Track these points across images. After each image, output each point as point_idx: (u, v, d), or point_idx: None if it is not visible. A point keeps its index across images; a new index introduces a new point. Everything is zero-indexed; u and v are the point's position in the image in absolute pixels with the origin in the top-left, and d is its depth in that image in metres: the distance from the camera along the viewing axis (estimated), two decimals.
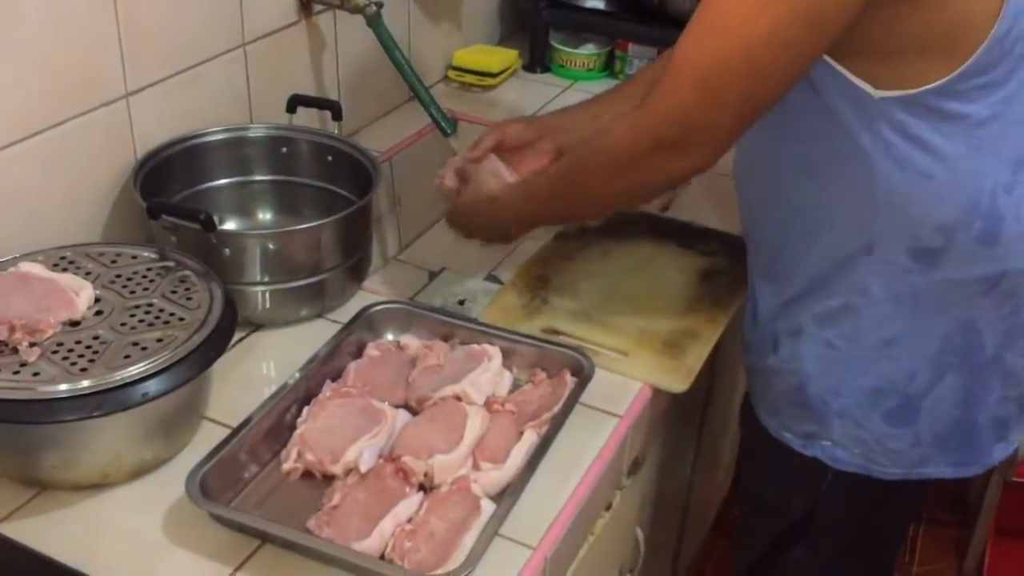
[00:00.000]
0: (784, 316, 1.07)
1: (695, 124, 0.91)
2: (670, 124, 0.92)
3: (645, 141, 0.94)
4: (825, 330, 1.04)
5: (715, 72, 0.88)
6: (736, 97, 0.89)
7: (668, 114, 0.92)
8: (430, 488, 0.95)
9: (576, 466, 1.00)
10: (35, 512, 0.92)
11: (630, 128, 0.96)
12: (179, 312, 0.97)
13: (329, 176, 1.30)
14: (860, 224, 0.97)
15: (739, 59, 0.86)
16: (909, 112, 0.91)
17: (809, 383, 1.06)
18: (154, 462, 0.96)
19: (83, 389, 0.87)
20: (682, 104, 0.91)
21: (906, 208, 0.95)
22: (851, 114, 0.93)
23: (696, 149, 0.92)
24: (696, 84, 0.89)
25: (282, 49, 1.41)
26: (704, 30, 0.89)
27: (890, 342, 1.01)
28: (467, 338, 1.13)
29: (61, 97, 1.10)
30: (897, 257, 0.97)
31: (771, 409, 1.12)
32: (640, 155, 0.95)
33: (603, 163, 0.99)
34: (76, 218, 1.15)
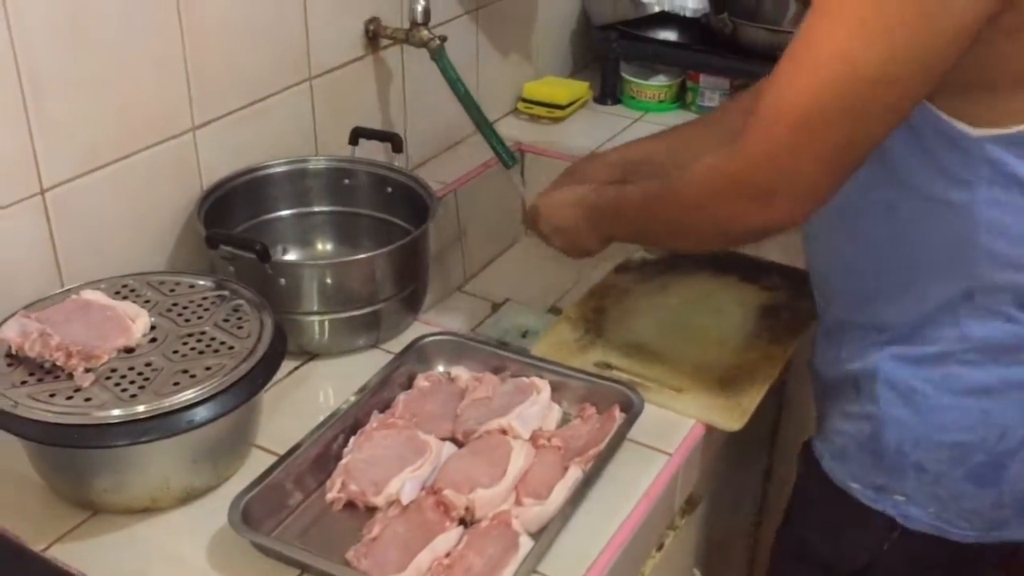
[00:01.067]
0: (865, 358, 0.99)
1: (786, 172, 0.83)
2: (757, 169, 0.85)
3: (729, 187, 0.88)
4: (912, 376, 0.96)
5: (811, 114, 0.80)
6: (834, 143, 0.81)
7: (756, 159, 0.84)
8: (471, 522, 0.94)
9: (622, 504, 0.98)
10: (87, 535, 0.94)
11: (713, 170, 0.90)
12: (229, 341, 0.98)
13: (388, 207, 1.31)
14: (959, 270, 0.91)
15: (838, 101, 0.79)
16: (1011, 151, 0.84)
17: (886, 431, 0.97)
18: (202, 488, 0.98)
19: (131, 415, 0.88)
20: (773, 149, 0.83)
21: (1010, 253, 0.88)
22: (947, 156, 0.86)
23: (786, 201, 0.85)
24: (789, 127, 0.81)
25: (348, 83, 1.43)
26: (799, 67, 0.82)
27: (984, 393, 0.93)
28: (518, 371, 1.12)
29: (130, 130, 1.14)
30: (1000, 304, 0.90)
31: (838, 455, 1.03)
32: (723, 201, 0.89)
33: (684, 198, 0.95)
34: (143, 247, 1.19)
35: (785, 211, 0.86)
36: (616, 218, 1.07)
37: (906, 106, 0.82)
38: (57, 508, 0.96)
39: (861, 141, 0.82)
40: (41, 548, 0.92)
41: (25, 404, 0.89)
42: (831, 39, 0.79)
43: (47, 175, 1.06)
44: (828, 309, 1.06)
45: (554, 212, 1.15)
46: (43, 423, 0.88)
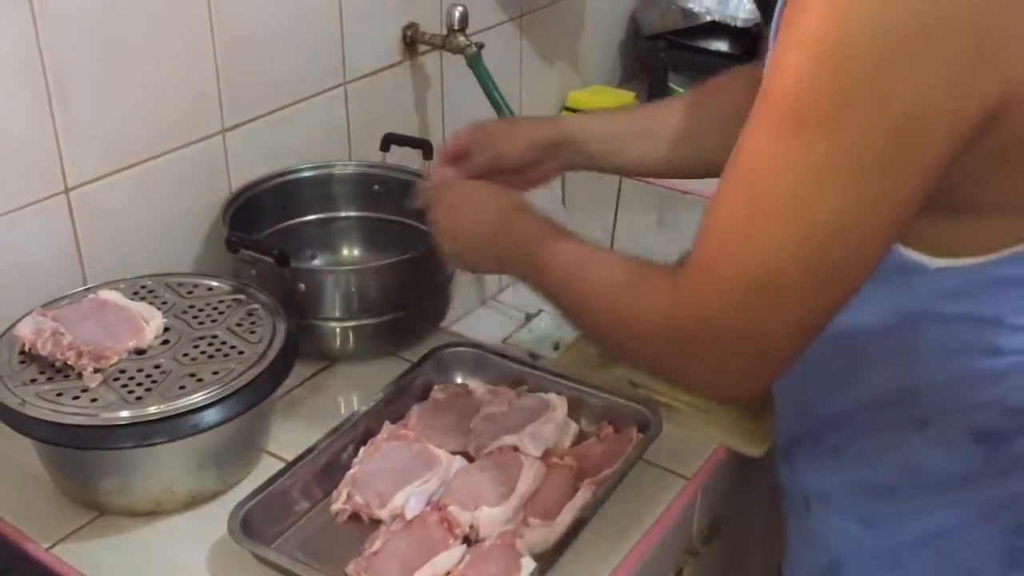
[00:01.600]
0: (814, 475, 0.89)
1: (740, 349, 0.68)
2: (710, 336, 0.69)
3: (673, 342, 0.72)
4: (861, 506, 0.86)
5: (761, 275, 0.65)
6: (793, 306, 0.67)
7: (702, 334, 0.69)
8: (475, 540, 0.92)
9: (632, 528, 0.95)
10: (91, 536, 0.94)
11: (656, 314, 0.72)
12: (240, 345, 0.97)
13: (418, 215, 1.29)
14: (908, 398, 0.80)
15: (795, 255, 0.64)
16: (974, 282, 0.72)
17: (843, 567, 0.88)
18: (208, 494, 0.97)
19: (135, 418, 0.88)
20: (720, 324, 0.68)
21: (968, 387, 0.77)
22: (896, 282, 0.73)
23: (742, 375, 0.71)
24: (733, 292, 0.66)
25: (385, 88, 1.42)
26: (741, 207, 0.65)
27: (942, 533, 0.82)
28: (536, 386, 1.09)
29: (158, 131, 1.14)
30: (956, 437, 0.79)
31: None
32: (663, 355, 0.74)
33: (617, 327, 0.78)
34: (168, 248, 1.19)
35: (740, 386, 0.72)
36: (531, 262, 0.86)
37: (876, 255, 0.67)
38: (66, 507, 0.96)
39: (829, 300, 0.68)
40: (46, 546, 0.92)
41: (32, 403, 0.89)
42: (779, 172, 0.63)
43: (72, 174, 1.07)
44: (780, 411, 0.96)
45: (453, 203, 0.98)
46: (47, 422, 0.88)
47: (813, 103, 0.61)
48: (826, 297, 0.67)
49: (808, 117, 0.61)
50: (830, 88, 0.60)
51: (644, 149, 1.04)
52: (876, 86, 0.59)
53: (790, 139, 0.62)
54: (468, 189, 0.99)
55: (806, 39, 0.61)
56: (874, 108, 0.60)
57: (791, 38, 0.62)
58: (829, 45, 0.60)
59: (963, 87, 0.60)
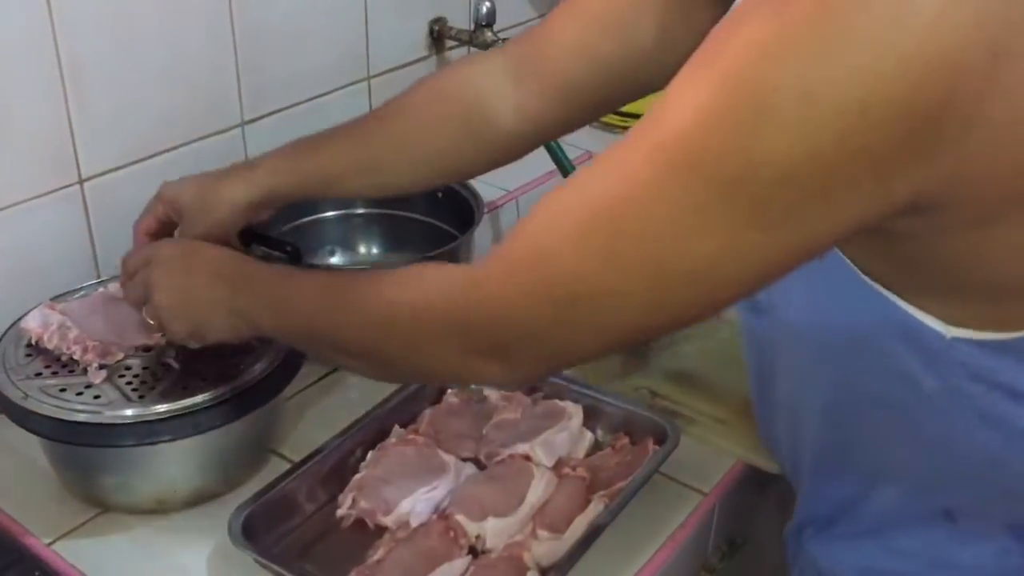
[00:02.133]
0: (828, 560, 0.83)
1: (531, 341, 0.63)
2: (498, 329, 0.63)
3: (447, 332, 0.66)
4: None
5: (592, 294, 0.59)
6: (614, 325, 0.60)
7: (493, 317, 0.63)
8: (481, 551, 0.89)
9: (644, 544, 0.91)
10: (93, 533, 0.92)
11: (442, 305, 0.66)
12: (248, 345, 0.95)
13: (438, 212, 1.27)
14: (937, 483, 0.72)
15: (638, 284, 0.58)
16: (1001, 356, 0.62)
17: None
18: (212, 494, 0.95)
19: (137, 416, 0.86)
20: (517, 313, 0.62)
21: (1003, 472, 0.68)
22: (906, 352, 0.65)
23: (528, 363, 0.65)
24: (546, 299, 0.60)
25: (409, 83, 1.39)
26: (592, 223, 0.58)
27: None
28: (552, 392, 1.06)
29: (175, 124, 1.13)
30: (992, 532, 0.73)
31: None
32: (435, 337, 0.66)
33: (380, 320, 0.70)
34: None
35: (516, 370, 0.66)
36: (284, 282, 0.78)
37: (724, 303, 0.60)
38: (68, 502, 0.95)
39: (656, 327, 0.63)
40: (47, 542, 0.91)
41: (36, 397, 0.88)
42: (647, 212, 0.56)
43: (86, 165, 1.06)
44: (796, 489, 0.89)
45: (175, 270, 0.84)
46: (49, 418, 0.86)
47: (710, 146, 0.52)
48: (653, 326, 0.62)
49: (701, 159, 0.53)
50: (736, 138, 0.51)
51: (368, 182, 0.95)
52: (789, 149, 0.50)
53: (673, 174, 0.54)
54: (176, 251, 0.86)
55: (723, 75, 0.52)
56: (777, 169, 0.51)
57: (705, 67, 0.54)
58: (746, 91, 0.51)
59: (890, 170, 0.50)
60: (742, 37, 0.51)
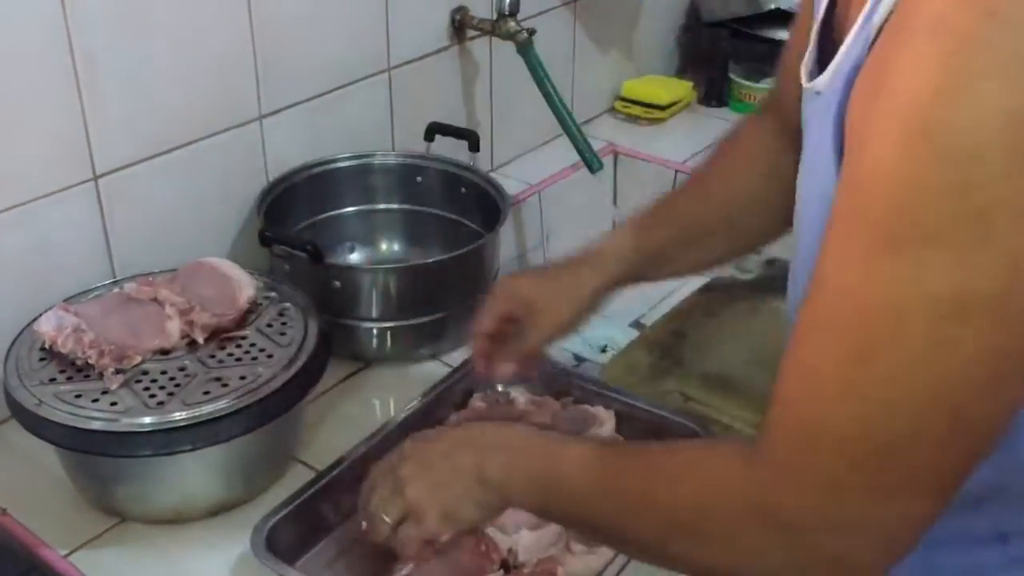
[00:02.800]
0: None
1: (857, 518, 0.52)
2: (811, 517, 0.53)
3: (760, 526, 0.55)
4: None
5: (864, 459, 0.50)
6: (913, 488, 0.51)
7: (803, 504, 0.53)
8: (514, 566, 0.86)
9: None
10: (110, 543, 0.89)
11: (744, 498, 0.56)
12: (269, 348, 0.92)
13: (461, 208, 1.24)
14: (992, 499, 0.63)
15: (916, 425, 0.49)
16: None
17: None
18: (234, 503, 0.92)
19: (155, 425, 0.83)
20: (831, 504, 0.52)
21: None
22: None
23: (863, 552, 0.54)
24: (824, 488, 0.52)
25: (430, 75, 1.36)
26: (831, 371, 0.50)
27: None
28: (582, 397, 1.03)
29: (191, 117, 1.09)
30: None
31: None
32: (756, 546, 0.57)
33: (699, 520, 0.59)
34: (201, 240, 1.14)
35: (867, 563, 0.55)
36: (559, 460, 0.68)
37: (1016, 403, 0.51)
38: (85, 511, 0.91)
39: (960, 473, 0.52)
40: (64, 553, 0.88)
41: (49, 404, 0.85)
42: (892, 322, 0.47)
43: (100, 161, 1.02)
44: None
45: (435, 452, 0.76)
46: (64, 426, 0.83)
47: (929, 211, 0.44)
48: (954, 475, 0.51)
49: (925, 232, 0.45)
50: (950, 191, 0.44)
51: (693, 257, 0.91)
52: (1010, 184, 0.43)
53: (902, 261, 0.45)
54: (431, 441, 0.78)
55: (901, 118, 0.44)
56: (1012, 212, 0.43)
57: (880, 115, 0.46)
58: (938, 131, 0.44)
59: None
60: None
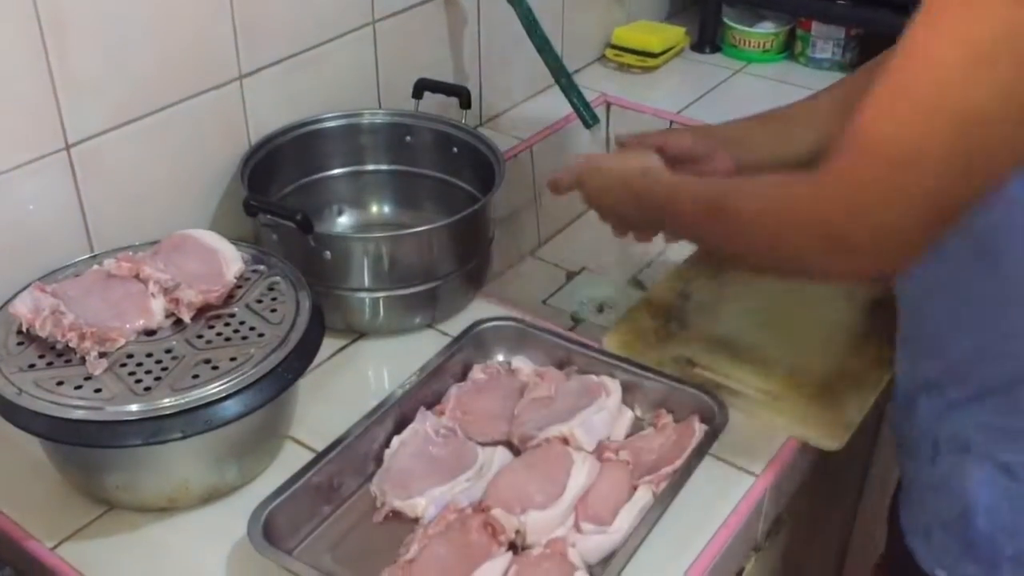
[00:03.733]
0: (948, 421, 0.83)
1: (877, 219, 0.67)
2: (841, 211, 0.68)
3: (804, 224, 0.71)
4: (1003, 452, 0.79)
5: (911, 152, 0.64)
6: (939, 189, 0.65)
7: (842, 201, 0.68)
8: (522, 547, 0.83)
9: (697, 534, 0.85)
10: (99, 533, 0.85)
11: (787, 199, 0.73)
12: (260, 327, 0.88)
13: (453, 169, 1.19)
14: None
15: (947, 140, 0.63)
16: None
17: (976, 515, 0.81)
18: (227, 488, 0.88)
19: (143, 412, 0.78)
20: (861, 192, 0.67)
21: None
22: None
23: (871, 253, 0.69)
24: (886, 164, 0.65)
25: (417, 27, 1.30)
26: (899, 96, 0.65)
27: None
28: (585, 366, 0.99)
29: (167, 80, 1.03)
30: None
31: (923, 533, 0.86)
32: (793, 239, 0.72)
33: (748, 225, 0.77)
34: (182, 210, 1.09)
35: (868, 264, 0.70)
36: (674, 198, 0.88)
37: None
38: (71, 501, 0.88)
39: (970, 187, 0.66)
40: (51, 545, 0.84)
41: (30, 392, 0.80)
42: (935, 64, 0.63)
43: (72, 129, 0.96)
44: (911, 354, 0.88)
45: (596, 186, 0.98)
46: (46, 416, 0.79)
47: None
48: (962, 185, 0.66)
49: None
50: None
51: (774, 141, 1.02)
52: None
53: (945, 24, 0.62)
54: (599, 169, 1.00)
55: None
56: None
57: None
58: None
59: None
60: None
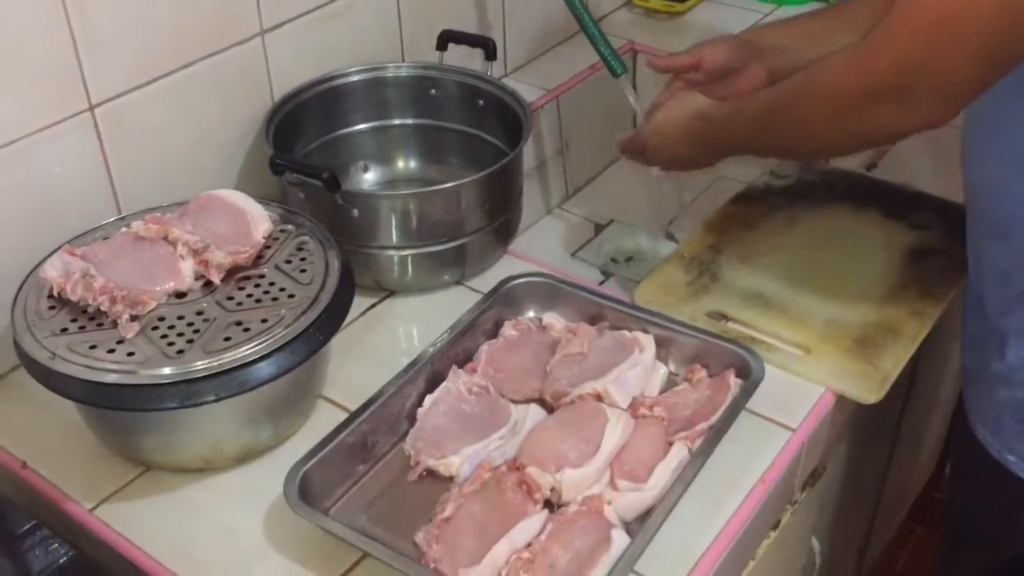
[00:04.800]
0: (1017, 313, 0.86)
1: (927, 72, 0.74)
2: (896, 71, 0.76)
3: (864, 87, 0.78)
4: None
5: (955, 9, 0.71)
6: (982, 39, 0.71)
7: (894, 58, 0.76)
8: (557, 505, 0.82)
9: (733, 490, 0.84)
10: (136, 495, 0.86)
11: (848, 69, 0.80)
12: (290, 287, 0.87)
13: (479, 122, 1.17)
14: None
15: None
16: None
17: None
18: (261, 448, 0.88)
19: (176, 375, 0.78)
20: (911, 47, 0.74)
21: None
22: None
23: (926, 101, 0.76)
24: (930, 24, 0.73)
25: None
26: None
27: None
28: (618, 321, 0.98)
29: (189, 37, 1.01)
30: None
31: (993, 425, 0.91)
32: (857, 103, 0.79)
33: (814, 105, 0.85)
34: (208, 168, 1.08)
35: (927, 112, 0.77)
36: (732, 124, 0.96)
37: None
38: (108, 463, 0.88)
39: (1017, 38, 0.72)
40: (89, 507, 0.85)
41: (64, 356, 0.80)
42: None
43: (95, 89, 0.95)
44: (980, 244, 0.91)
45: (657, 144, 1.05)
46: (81, 380, 0.79)
47: None
48: (1015, 34, 0.71)
49: None
50: None
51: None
52: None
53: None
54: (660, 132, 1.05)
55: None
56: None
57: None
58: None
59: None
60: None
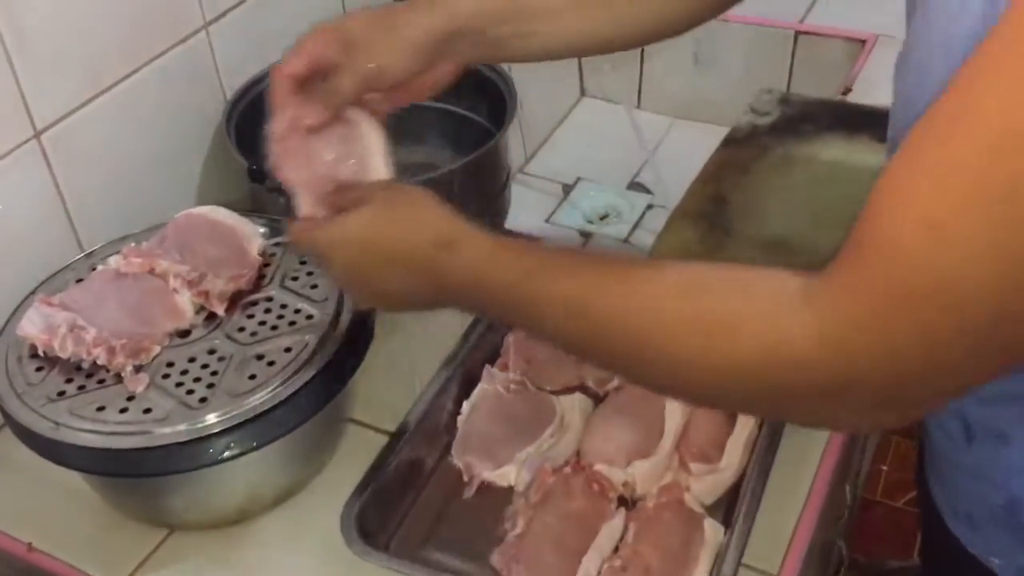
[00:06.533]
0: (982, 408, 0.68)
1: (914, 378, 0.48)
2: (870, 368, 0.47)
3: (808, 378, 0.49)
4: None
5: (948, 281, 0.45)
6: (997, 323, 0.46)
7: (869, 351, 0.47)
8: (632, 500, 0.77)
9: (807, 454, 0.80)
10: (166, 562, 0.77)
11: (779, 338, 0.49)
12: (305, 308, 0.79)
13: (461, 100, 1.09)
14: None
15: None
16: None
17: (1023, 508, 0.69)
18: (297, 487, 0.80)
19: (207, 428, 0.70)
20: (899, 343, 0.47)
21: None
22: None
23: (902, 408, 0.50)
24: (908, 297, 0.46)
25: None
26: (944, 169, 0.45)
27: None
28: None
29: (127, 43, 0.91)
30: None
31: (966, 519, 0.74)
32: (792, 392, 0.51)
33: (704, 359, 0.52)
34: (166, 184, 0.99)
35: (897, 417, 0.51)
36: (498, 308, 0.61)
37: None
38: (125, 529, 0.79)
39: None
40: None
41: (68, 425, 0.70)
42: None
43: (39, 114, 0.84)
44: None
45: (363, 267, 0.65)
46: (93, 449, 0.69)
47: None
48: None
49: None
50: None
51: (571, 22, 0.75)
52: None
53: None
54: (358, 238, 0.64)
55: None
56: None
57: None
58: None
59: None
60: None
